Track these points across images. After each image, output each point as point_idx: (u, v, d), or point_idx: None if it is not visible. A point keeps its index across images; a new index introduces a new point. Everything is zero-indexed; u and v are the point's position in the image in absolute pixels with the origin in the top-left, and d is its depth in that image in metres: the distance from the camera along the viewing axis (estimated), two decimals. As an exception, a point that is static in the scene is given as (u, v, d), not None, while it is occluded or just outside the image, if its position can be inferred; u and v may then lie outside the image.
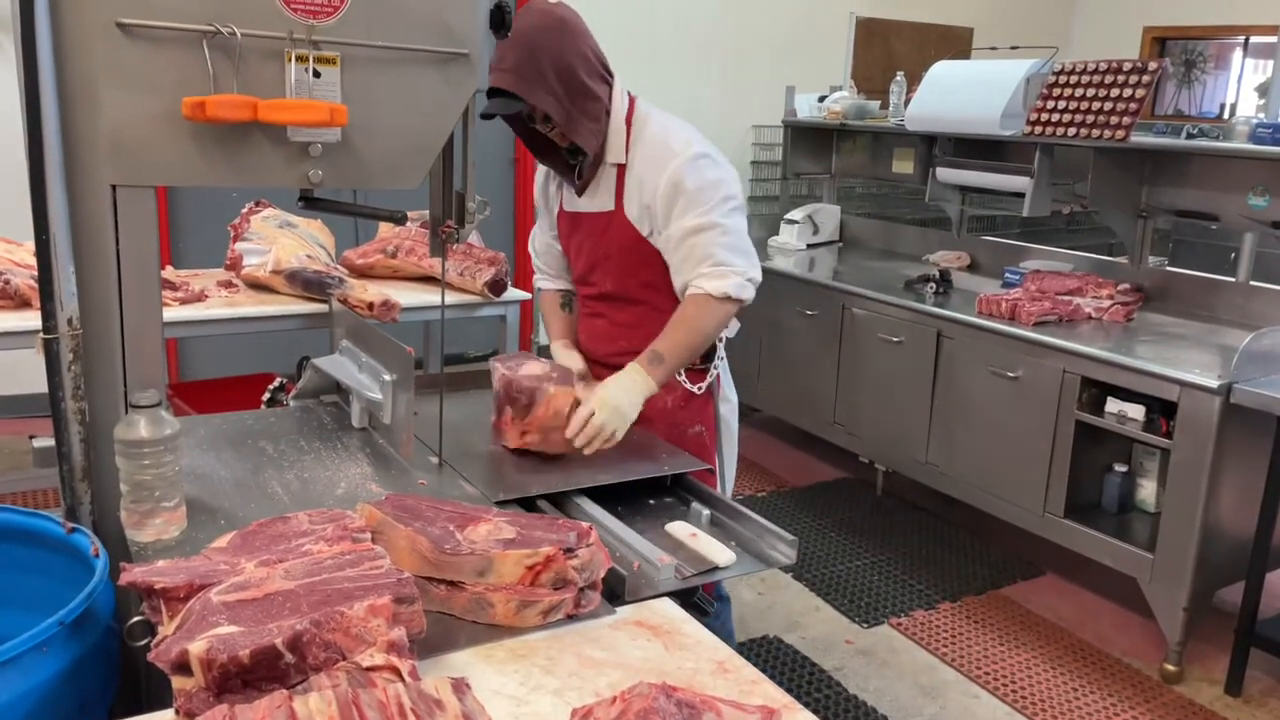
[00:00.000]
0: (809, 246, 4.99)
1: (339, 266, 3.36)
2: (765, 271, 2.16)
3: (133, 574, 1.20)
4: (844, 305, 4.11)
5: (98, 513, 1.56)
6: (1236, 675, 2.97)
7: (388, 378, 1.85)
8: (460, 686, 1.10)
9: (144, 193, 1.52)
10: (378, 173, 1.65)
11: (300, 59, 1.54)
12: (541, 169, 2.27)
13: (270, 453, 1.85)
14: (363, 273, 3.41)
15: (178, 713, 1.08)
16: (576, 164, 2.14)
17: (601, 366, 2.23)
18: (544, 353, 2.28)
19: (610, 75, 2.06)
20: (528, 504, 1.71)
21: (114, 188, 1.49)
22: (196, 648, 1.06)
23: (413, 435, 1.81)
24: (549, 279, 2.40)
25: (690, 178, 2.01)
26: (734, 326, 2.24)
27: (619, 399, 1.91)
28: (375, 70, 1.61)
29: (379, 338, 1.95)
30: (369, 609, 1.14)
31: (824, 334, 4.19)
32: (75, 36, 1.42)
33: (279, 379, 2.49)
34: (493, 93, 1.95)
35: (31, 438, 1.61)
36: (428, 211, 1.90)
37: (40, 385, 1.54)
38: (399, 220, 1.83)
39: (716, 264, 2.02)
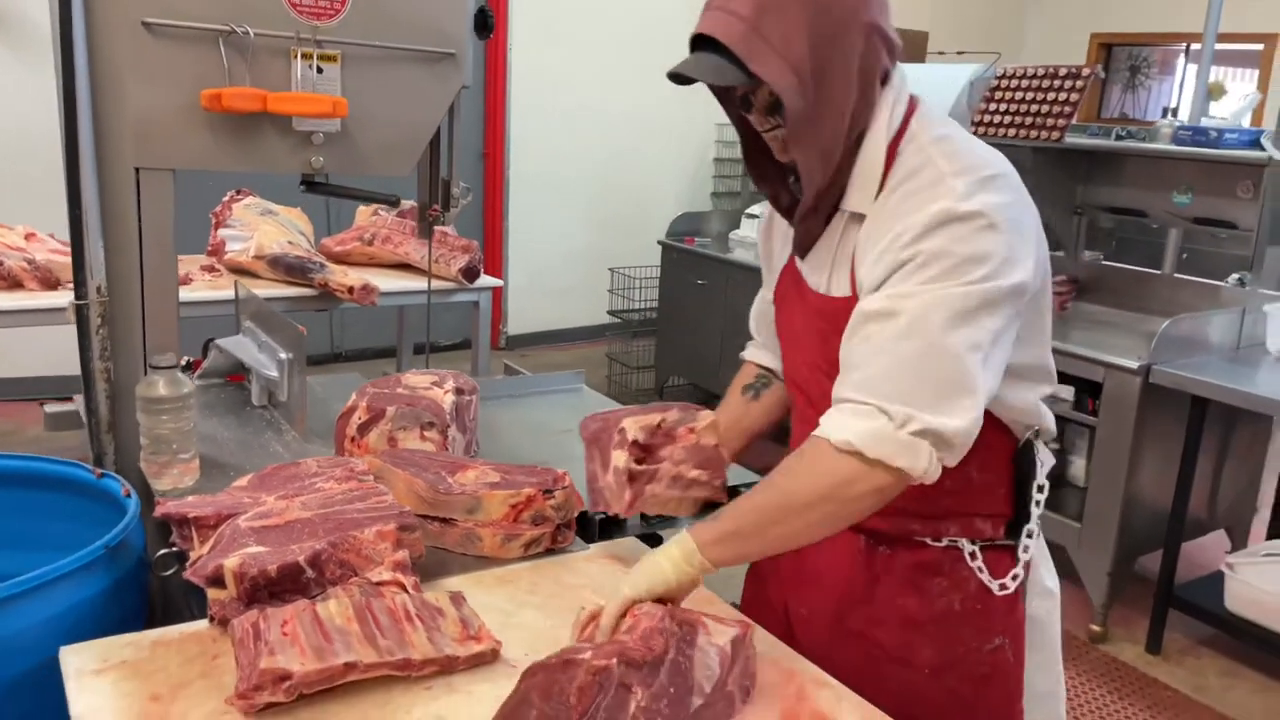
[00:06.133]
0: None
1: (318, 253, 3.51)
2: (728, 265, 1.45)
3: (166, 507, 1.37)
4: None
5: (120, 463, 1.73)
6: (1156, 635, 3.22)
7: (283, 356, 1.92)
8: (457, 598, 1.28)
9: (164, 175, 1.69)
10: (373, 160, 1.83)
11: (305, 56, 1.72)
12: (766, 209, 1.53)
13: (268, 417, 2.02)
14: (339, 259, 3.56)
15: (212, 620, 1.25)
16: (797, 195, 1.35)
17: None
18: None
19: (892, 65, 1.27)
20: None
21: (137, 170, 1.66)
22: (230, 562, 1.23)
23: (306, 412, 1.88)
24: (755, 346, 1.67)
25: (934, 236, 1.16)
26: (1047, 461, 1.40)
27: (636, 585, 1.21)
28: (372, 67, 1.79)
29: (277, 319, 1.98)
30: (377, 534, 1.32)
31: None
32: (106, 35, 1.60)
33: (185, 358, 2.49)
34: (698, 43, 1.24)
35: (42, 404, 1.75)
36: (414, 200, 2.08)
37: (37, 368, 1.70)
38: (393, 203, 2.00)
39: (857, 388, 1.18)
